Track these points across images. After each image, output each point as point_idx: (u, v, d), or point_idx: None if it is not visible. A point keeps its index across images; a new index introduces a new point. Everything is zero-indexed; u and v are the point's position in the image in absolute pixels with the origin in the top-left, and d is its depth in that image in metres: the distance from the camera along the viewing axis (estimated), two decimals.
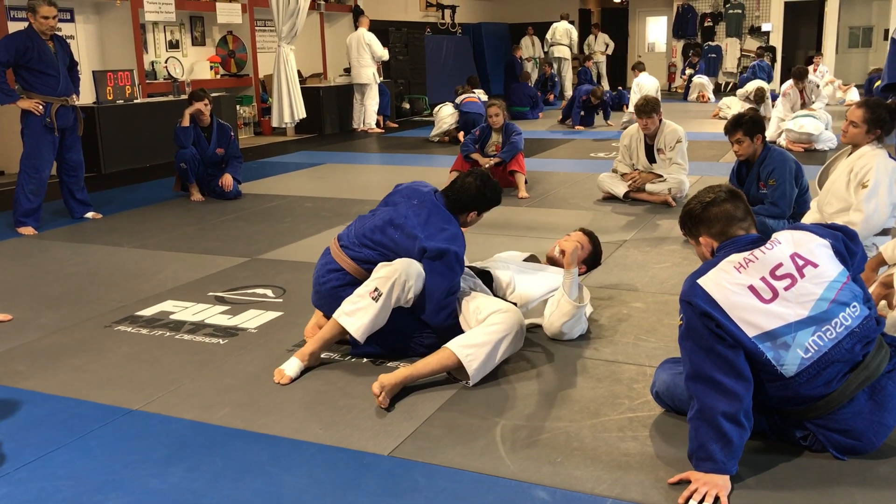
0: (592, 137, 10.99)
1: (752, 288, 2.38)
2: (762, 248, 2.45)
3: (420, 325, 3.32)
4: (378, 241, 3.38)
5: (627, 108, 12.54)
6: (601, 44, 18.33)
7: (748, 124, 4.78)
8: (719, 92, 17.41)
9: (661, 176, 6.30)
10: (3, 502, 2.36)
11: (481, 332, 3.12)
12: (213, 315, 3.95)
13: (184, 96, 9.62)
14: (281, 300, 4.17)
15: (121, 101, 8.90)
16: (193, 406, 2.97)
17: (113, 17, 9.69)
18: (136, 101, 9.12)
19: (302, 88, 11.26)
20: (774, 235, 2.51)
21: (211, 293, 4.30)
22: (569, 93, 15.99)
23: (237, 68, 11.84)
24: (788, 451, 2.50)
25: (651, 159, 6.39)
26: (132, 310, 4.06)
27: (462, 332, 3.22)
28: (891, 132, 3.99)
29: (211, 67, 11.40)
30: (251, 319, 3.87)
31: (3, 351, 3.56)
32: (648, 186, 6.31)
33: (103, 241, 5.58)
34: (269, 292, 4.31)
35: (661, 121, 6.29)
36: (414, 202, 3.44)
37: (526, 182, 6.92)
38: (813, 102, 9.57)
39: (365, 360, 3.34)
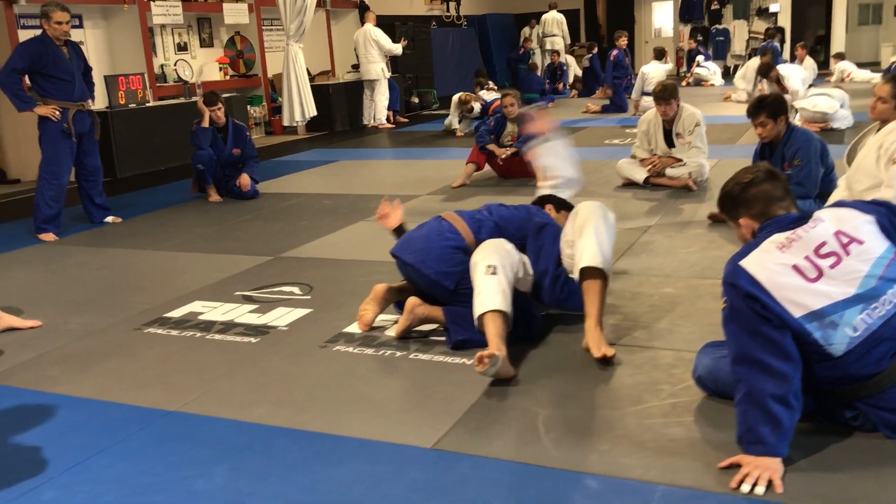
0: (607, 125, 10.93)
1: (796, 267, 2.35)
2: (805, 226, 2.41)
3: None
4: (491, 213, 3.61)
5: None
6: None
7: (771, 106, 4.73)
8: (728, 75, 17.30)
9: (680, 160, 6.25)
10: None
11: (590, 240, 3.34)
12: (243, 314, 3.94)
13: (195, 98, 9.62)
14: (309, 297, 4.15)
15: (133, 106, 8.91)
16: (231, 405, 2.95)
17: (121, 22, 9.69)
18: (147, 104, 9.12)
19: (311, 86, 11.24)
20: (816, 213, 2.47)
21: (238, 292, 4.29)
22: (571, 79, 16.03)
23: (246, 68, 11.83)
24: (838, 431, 2.47)
25: (670, 144, 6.34)
26: (160, 311, 4.06)
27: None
28: None
29: (220, 68, 11.38)
30: (281, 317, 3.86)
31: (35, 357, 3.56)
32: (668, 171, 6.27)
33: (125, 245, 5.57)
34: (295, 290, 4.29)
35: (678, 105, 6.23)
36: (514, 207, 3.77)
37: None
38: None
39: (398, 354, 3.32)
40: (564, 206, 3.86)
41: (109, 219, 6.30)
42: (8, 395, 3.14)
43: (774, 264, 2.36)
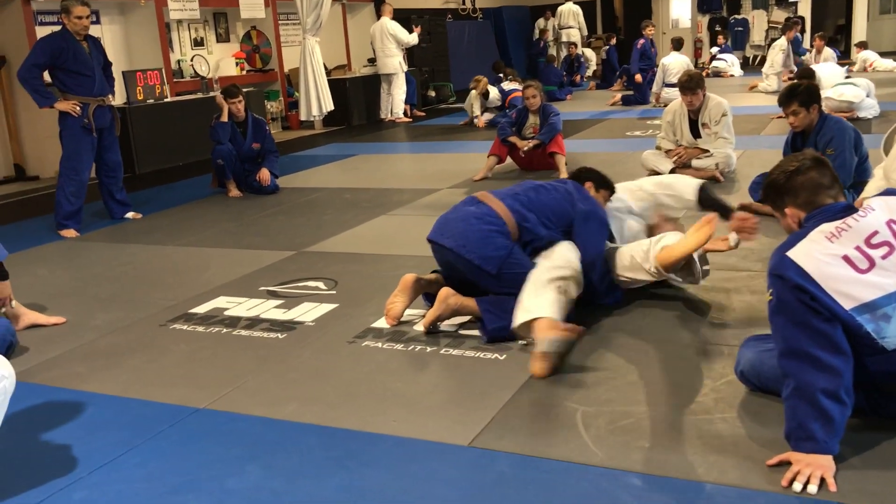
0: (627, 116, 10.82)
1: (846, 258, 2.27)
2: (855, 215, 2.33)
3: None
4: (531, 201, 3.50)
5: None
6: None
7: (803, 95, 4.63)
8: (747, 66, 17.12)
9: (706, 151, 6.15)
10: None
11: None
12: (268, 310, 3.89)
13: (213, 93, 9.59)
14: (334, 292, 4.09)
15: (151, 101, 8.88)
16: (260, 402, 2.90)
17: (138, 17, 9.66)
18: (165, 100, 9.09)
19: (328, 81, 11.18)
20: (867, 202, 2.38)
21: (262, 288, 4.24)
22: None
23: (262, 63, 11.78)
24: (890, 427, 2.38)
25: (696, 134, 6.24)
26: (185, 308, 4.01)
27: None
28: None
29: (236, 63, 11.35)
30: (307, 312, 3.80)
31: (60, 354, 3.52)
32: (695, 162, 6.17)
33: (146, 241, 5.54)
34: (321, 285, 4.24)
35: (705, 95, 6.13)
36: (554, 183, 3.68)
37: (566, 164, 6.79)
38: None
39: (429, 349, 3.26)
40: (605, 185, 3.83)
41: (130, 215, 6.26)
42: (34, 393, 3.10)
43: (823, 255, 2.28)
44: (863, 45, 14.79)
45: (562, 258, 3.34)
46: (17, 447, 2.66)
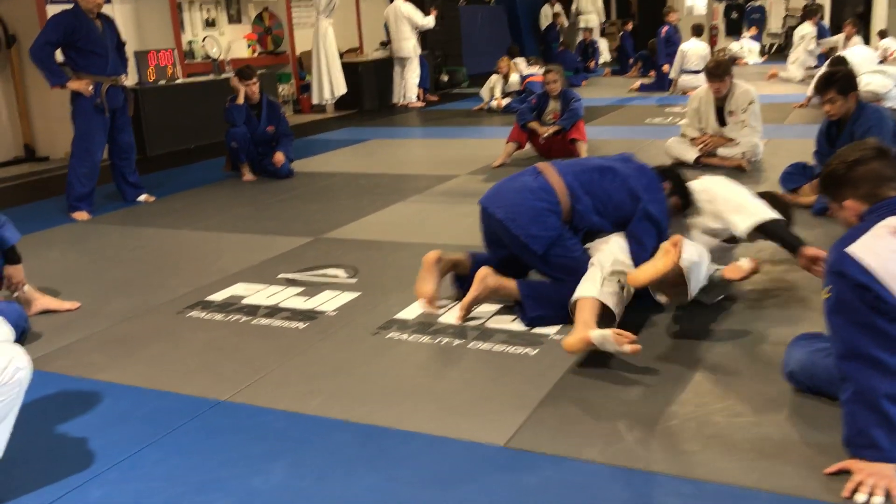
0: (646, 103, 10.65)
1: None
2: None
3: None
4: (592, 184, 3.30)
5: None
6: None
7: (841, 82, 4.48)
8: (764, 53, 16.88)
9: (732, 139, 6.00)
10: None
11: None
12: (288, 298, 3.76)
13: (225, 75, 9.45)
14: (355, 280, 3.97)
15: (163, 82, 8.74)
16: (284, 396, 2.78)
17: None
18: (177, 81, 8.95)
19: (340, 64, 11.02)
20: None
21: (281, 275, 4.12)
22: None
23: (274, 45, 11.62)
24: None
25: (722, 122, 6.08)
26: (202, 294, 3.89)
27: None
28: None
29: (248, 45, 11.19)
30: (328, 301, 3.68)
31: (75, 341, 3.41)
32: (720, 151, 6.02)
33: (160, 224, 5.42)
34: (341, 272, 4.11)
35: (732, 82, 5.97)
36: (634, 165, 3.41)
37: (588, 151, 6.65)
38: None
39: (456, 342, 3.14)
40: (682, 195, 3.44)
41: (143, 197, 6.14)
42: (48, 382, 2.99)
43: (888, 251, 2.14)
44: (883, 34, 14.54)
45: (621, 252, 3.17)
46: (30, 440, 2.55)
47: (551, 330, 3.18)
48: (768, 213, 3.30)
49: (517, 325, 3.24)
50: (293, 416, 2.64)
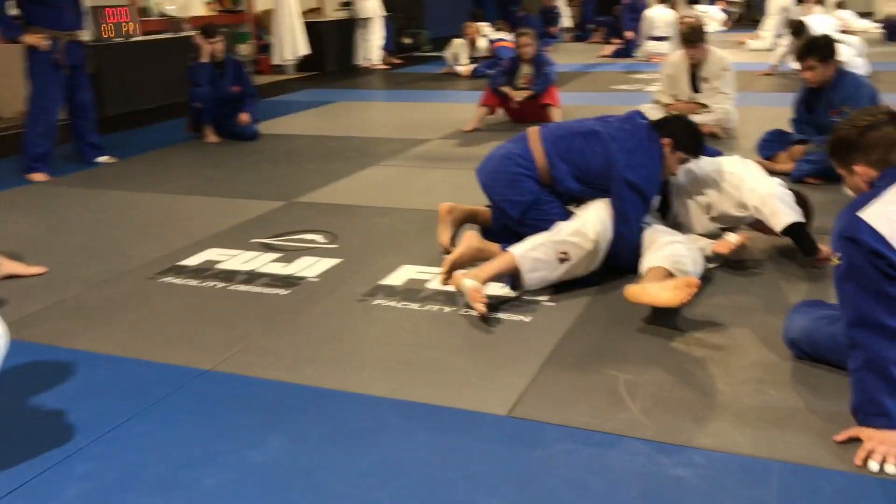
0: (612, 70, 10.60)
1: None
2: None
3: None
4: (571, 150, 3.29)
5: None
6: None
7: (822, 49, 4.46)
8: (727, 22, 16.93)
9: (706, 106, 5.98)
10: (88, 482, 2.07)
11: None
12: (266, 263, 3.64)
13: (184, 33, 9.15)
14: (335, 246, 3.86)
15: (119, 40, 8.41)
16: (273, 365, 2.68)
17: None
18: (134, 38, 8.62)
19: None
20: None
21: (255, 240, 3.98)
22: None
23: (233, 3, 11.27)
24: None
25: (695, 89, 6.05)
26: (174, 259, 3.75)
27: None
28: None
29: (206, 2, 10.83)
30: (309, 267, 3.57)
31: (44, 308, 3.25)
32: (694, 118, 5.96)
33: (123, 187, 5.21)
34: (318, 237, 3.99)
35: (707, 49, 5.94)
36: (627, 126, 3.30)
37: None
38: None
39: (447, 309, 3.06)
40: (687, 149, 3.29)
41: (103, 158, 5.91)
42: (19, 351, 2.78)
43: None
44: (841, 5, 14.68)
45: (585, 224, 3.13)
46: (3, 413, 2.42)
47: (543, 297, 3.13)
48: (799, 213, 3.25)
49: (508, 292, 3.18)
50: (285, 385, 2.54)
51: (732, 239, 3.33)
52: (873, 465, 1.99)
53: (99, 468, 2.14)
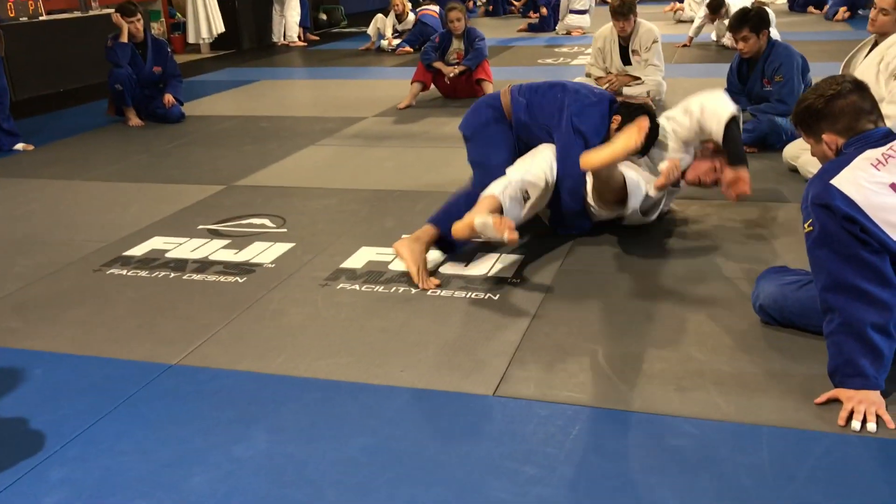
0: (534, 44, 10.63)
1: (893, 186, 2.17)
2: None
3: None
4: (533, 91, 3.54)
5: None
6: None
7: (755, 20, 4.57)
8: None
9: (637, 78, 6.06)
10: (66, 489, 1.97)
11: None
12: (216, 251, 3.52)
13: (93, 12, 8.75)
14: (285, 230, 3.76)
15: (24, 19, 7.97)
16: (242, 355, 2.60)
17: None
18: (41, 17, 8.18)
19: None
20: None
21: (201, 226, 3.84)
22: None
23: None
24: None
25: (626, 61, 6.12)
26: (118, 250, 3.58)
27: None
28: None
29: None
30: (262, 253, 3.47)
31: None
32: (626, 90, 6.06)
33: (47, 175, 4.96)
34: (267, 222, 3.88)
35: (636, 21, 6.00)
36: (596, 92, 3.55)
37: None
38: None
39: (413, 290, 3.02)
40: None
41: (20, 146, 5.61)
42: None
43: (870, 183, 2.17)
44: None
45: (535, 164, 3.26)
46: None
47: (508, 273, 3.12)
48: (736, 108, 3.37)
49: (472, 271, 3.16)
50: (258, 376, 2.47)
51: (662, 167, 3.35)
52: (855, 425, 2.06)
53: (76, 473, 2.03)
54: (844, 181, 2.19)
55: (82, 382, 2.48)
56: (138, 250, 3.57)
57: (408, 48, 9.73)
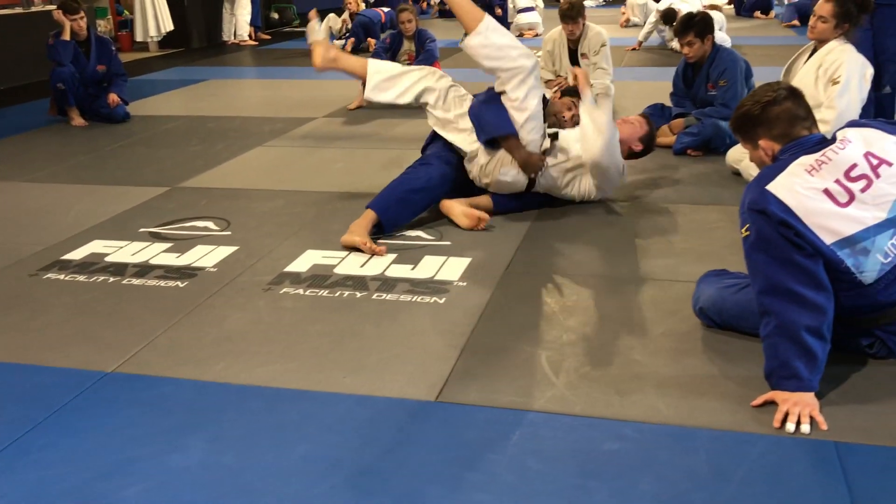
0: None
1: (826, 192, 2.22)
2: (833, 147, 2.28)
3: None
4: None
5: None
6: None
7: (699, 25, 4.63)
8: None
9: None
10: None
11: None
12: (157, 254, 3.45)
13: (35, 8, 8.55)
14: (229, 233, 3.70)
15: None
16: (181, 362, 2.55)
17: None
18: None
19: None
20: (843, 134, 2.34)
21: (143, 229, 3.77)
22: None
23: None
24: (853, 360, 2.39)
25: (575, 64, 6.15)
26: (56, 254, 3.49)
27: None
28: (857, 26, 3.92)
29: None
30: (204, 257, 3.41)
31: None
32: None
33: None
34: (210, 224, 3.82)
35: (585, 24, 6.05)
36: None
37: None
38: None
39: (358, 294, 3.00)
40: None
41: None
42: None
43: (804, 188, 2.22)
44: None
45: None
46: None
47: (454, 276, 3.12)
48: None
49: (418, 273, 3.15)
50: (196, 384, 2.42)
51: (570, 80, 3.64)
52: (790, 427, 2.09)
53: (3, 486, 1.97)
54: (780, 187, 2.23)
55: (13, 391, 2.41)
56: (77, 254, 3.48)
57: (352, 39, 9.69)
